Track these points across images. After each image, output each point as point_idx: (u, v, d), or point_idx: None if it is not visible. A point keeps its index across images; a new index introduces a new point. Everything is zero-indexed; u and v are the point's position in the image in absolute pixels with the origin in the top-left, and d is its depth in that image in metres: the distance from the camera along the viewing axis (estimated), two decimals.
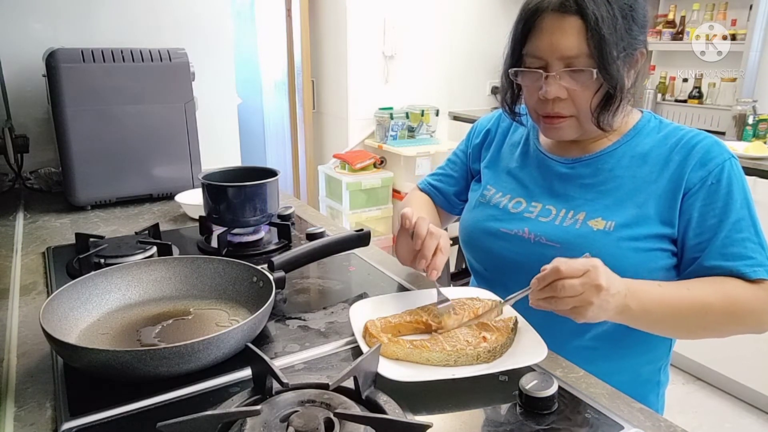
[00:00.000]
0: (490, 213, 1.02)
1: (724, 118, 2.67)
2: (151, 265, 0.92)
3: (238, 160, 2.05)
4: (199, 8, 1.84)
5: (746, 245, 0.85)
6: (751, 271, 0.84)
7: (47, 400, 0.69)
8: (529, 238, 0.95)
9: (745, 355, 2.19)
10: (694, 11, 2.78)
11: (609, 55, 0.83)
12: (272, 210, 1.19)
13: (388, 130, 3.28)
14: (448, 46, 3.49)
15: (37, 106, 1.66)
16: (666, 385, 1.04)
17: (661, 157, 0.91)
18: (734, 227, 0.85)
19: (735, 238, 0.85)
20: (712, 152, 0.88)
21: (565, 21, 0.84)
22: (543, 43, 0.86)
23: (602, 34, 0.82)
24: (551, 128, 0.93)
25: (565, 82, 0.87)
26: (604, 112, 0.88)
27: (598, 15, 0.81)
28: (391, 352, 0.75)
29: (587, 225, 0.91)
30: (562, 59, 0.85)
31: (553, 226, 0.94)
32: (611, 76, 0.84)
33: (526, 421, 0.64)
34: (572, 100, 0.88)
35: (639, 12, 0.86)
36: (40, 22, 1.62)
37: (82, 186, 1.42)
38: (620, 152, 0.94)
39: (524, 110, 1.00)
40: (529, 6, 0.88)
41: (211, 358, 0.71)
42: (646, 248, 0.88)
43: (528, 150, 1.05)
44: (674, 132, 0.93)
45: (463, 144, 1.19)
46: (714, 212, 0.86)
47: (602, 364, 0.89)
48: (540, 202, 0.98)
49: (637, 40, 0.87)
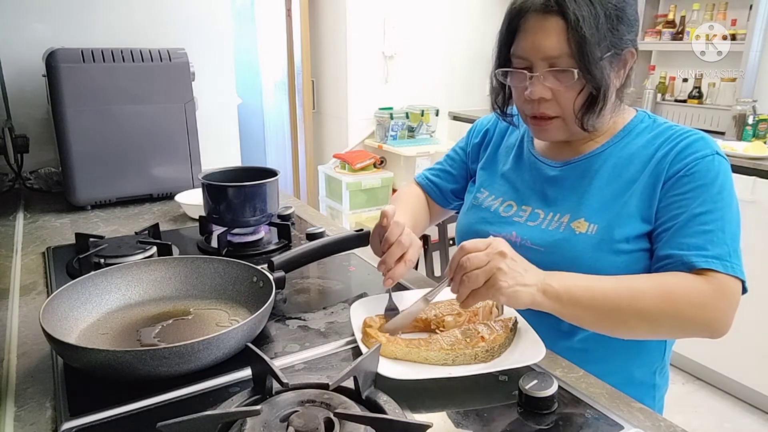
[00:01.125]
0: (482, 216, 1.03)
1: (724, 118, 2.67)
2: (151, 265, 0.92)
3: (238, 160, 2.05)
4: (199, 8, 1.84)
5: (707, 237, 0.81)
6: (701, 260, 0.80)
7: (47, 400, 0.69)
8: (516, 242, 0.95)
9: (745, 355, 2.19)
10: (694, 11, 2.78)
11: (591, 56, 0.82)
12: (272, 210, 1.19)
13: (388, 130, 3.28)
14: (448, 46, 3.49)
15: (37, 106, 1.66)
16: (664, 388, 1.03)
17: (647, 156, 0.90)
18: (698, 219, 0.83)
19: (696, 229, 0.82)
20: (694, 146, 0.87)
21: (547, 21, 0.83)
22: (527, 44, 0.86)
23: (583, 34, 0.81)
24: (539, 129, 0.93)
25: (548, 83, 0.86)
26: (589, 113, 0.87)
27: (578, 15, 0.81)
28: (390, 352, 0.75)
29: (570, 227, 0.91)
30: (546, 59, 0.85)
31: (540, 230, 0.94)
32: (593, 77, 0.83)
33: (526, 421, 0.64)
34: (557, 101, 0.88)
35: (627, 11, 0.85)
36: (40, 22, 1.62)
37: (82, 186, 1.42)
38: (607, 154, 0.94)
39: (516, 111, 1.00)
40: (514, 6, 0.88)
41: (211, 358, 0.71)
42: (627, 250, 0.87)
43: (522, 153, 1.05)
44: (665, 131, 0.92)
45: (463, 142, 1.19)
46: (681, 203, 0.84)
47: (592, 366, 0.88)
48: (530, 206, 0.98)
49: (624, 40, 0.86)
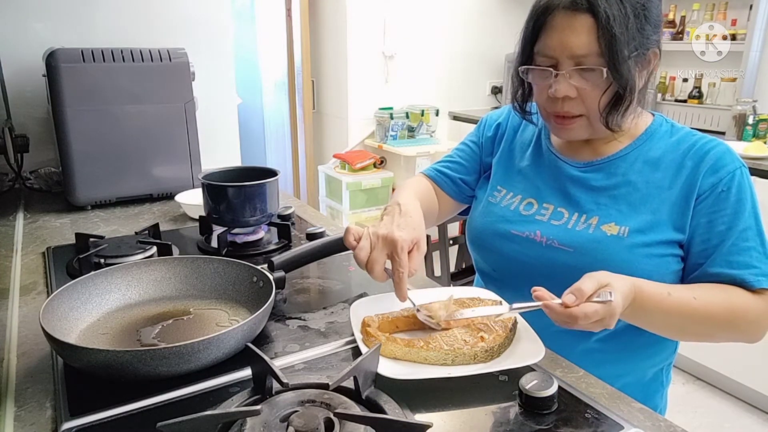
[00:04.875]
0: (501, 214, 1.01)
1: (724, 118, 2.67)
2: (151, 265, 0.92)
3: (238, 160, 2.05)
4: (199, 8, 1.84)
5: (751, 254, 0.85)
6: (755, 280, 0.84)
7: (47, 400, 0.69)
8: (541, 242, 0.94)
9: (745, 355, 2.19)
10: (694, 11, 2.78)
11: (620, 54, 0.81)
12: (272, 210, 1.19)
13: (388, 130, 3.28)
14: (448, 46, 3.49)
15: (37, 106, 1.65)
16: (669, 385, 1.04)
17: (674, 163, 0.90)
18: (741, 236, 0.85)
19: (741, 246, 0.85)
20: (724, 159, 0.88)
21: (575, 19, 0.82)
22: (553, 41, 0.85)
23: (613, 33, 0.80)
24: (561, 128, 0.92)
25: (574, 81, 0.86)
26: (613, 112, 0.87)
27: (609, 13, 0.80)
28: (389, 351, 0.75)
29: (600, 230, 0.90)
30: (572, 58, 0.84)
31: (566, 230, 0.93)
32: (621, 76, 0.83)
33: (526, 421, 0.64)
34: (582, 99, 0.87)
35: (652, 11, 0.85)
36: (40, 22, 1.62)
37: (82, 186, 1.42)
38: (633, 156, 0.93)
39: (535, 109, 0.99)
40: (541, 3, 0.86)
41: (211, 358, 0.71)
42: (659, 254, 0.88)
43: (540, 149, 1.03)
44: (687, 137, 0.93)
45: (473, 135, 1.16)
46: (722, 219, 0.86)
47: (609, 366, 0.88)
48: (551, 204, 0.97)
49: (650, 40, 0.86)
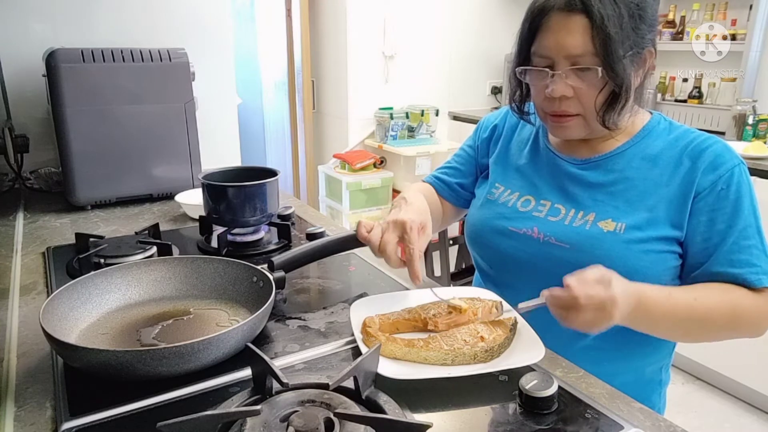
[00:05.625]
0: (499, 211, 1.02)
1: (724, 118, 2.66)
2: (151, 265, 0.92)
3: (238, 160, 2.05)
4: (199, 8, 1.84)
5: (752, 252, 0.85)
6: (756, 279, 0.84)
7: (47, 400, 0.69)
8: (538, 238, 0.94)
9: (745, 355, 2.19)
10: (694, 11, 2.78)
11: (614, 54, 0.82)
12: (272, 210, 1.19)
13: (388, 130, 3.28)
14: (448, 46, 3.49)
15: (37, 106, 1.65)
16: (667, 384, 1.04)
17: (672, 160, 0.91)
18: (742, 234, 0.86)
19: (742, 244, 0.85)
20: (723, 157, 0.88)
21: (570, 20, 0.84)
22: (549, 42, 0.86)
23: (608, 33, 0.82)
24: (558, 127, 0.93)
25: (571, 81, 0.87)
26: (610, 111, 0.88)
27: (603, 13, 0.81)
28: (389, 351, 0.75)
29: (597, 226, 0.90)
30: (568, 58, 0.85)
31: (563, 226, 0.93)
32: (617, 75, 0.84)
33: (526, 421, 0.64)
34: (578, 99, 0.88)
35: (648, 11, 0.86)
36: (40, 22, 1.62)
37: (82, 186, 1.42)
38: (630, 153, 0.94)
39: (532, 109, 1.00)
40: (536, 5, 0.88)
41: (211, 358, 0.71)
42: (656, 250, 0.88)
43: (538, 147, 1.04)
44: (685, 135, 0.93)
45: (470, 139, 1.18)
46: (723, 217, 0.86)
47: (607, 364, 0.88)
48: (549, 200, 0.98)
49: (645, 39, 0.87)
